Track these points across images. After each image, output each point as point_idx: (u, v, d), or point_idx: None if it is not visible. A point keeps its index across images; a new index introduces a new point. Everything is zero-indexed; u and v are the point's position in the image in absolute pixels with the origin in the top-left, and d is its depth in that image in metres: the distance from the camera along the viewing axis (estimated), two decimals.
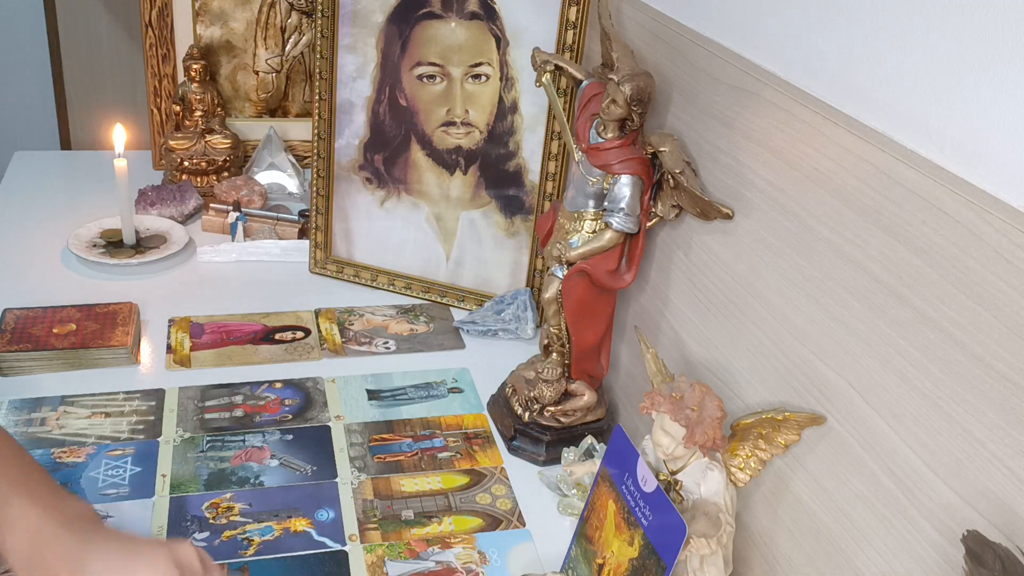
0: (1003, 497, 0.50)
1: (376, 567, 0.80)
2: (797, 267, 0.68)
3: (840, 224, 0.63)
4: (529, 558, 0.82)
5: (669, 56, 0.87)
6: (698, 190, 0.79)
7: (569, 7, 1.02)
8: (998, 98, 0.51)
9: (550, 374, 0.94)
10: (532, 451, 0.95)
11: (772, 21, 0.72)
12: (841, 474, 0.64)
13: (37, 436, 0.91)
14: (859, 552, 0.62)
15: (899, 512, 0.58)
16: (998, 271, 0.50)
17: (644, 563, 0.68)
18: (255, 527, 0.83)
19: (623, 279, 0.88)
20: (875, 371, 0.60)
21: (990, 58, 0.51)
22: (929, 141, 0.56)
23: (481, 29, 1.09)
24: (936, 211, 0.54)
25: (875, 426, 0.60)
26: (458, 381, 1.06)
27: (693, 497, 0.70)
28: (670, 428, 0.68)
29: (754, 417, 0.68)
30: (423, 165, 1.17)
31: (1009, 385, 0.50)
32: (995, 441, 0.51)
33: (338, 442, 0.95)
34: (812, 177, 0.66)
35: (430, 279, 1.21)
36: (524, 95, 1.09)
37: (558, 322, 0.92)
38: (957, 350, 0.53)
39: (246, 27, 1.46)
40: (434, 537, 0.84)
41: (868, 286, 0.60)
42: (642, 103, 0.81)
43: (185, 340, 1.09)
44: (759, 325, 0.73)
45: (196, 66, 1.42)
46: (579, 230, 0.87)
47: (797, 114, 0.67)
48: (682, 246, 0.86)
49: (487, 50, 1.09)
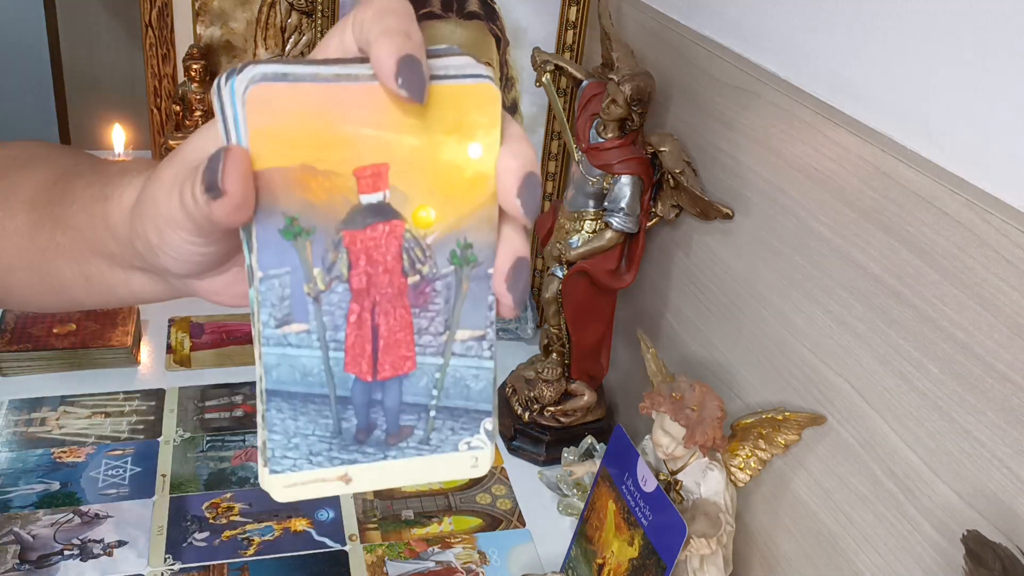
0: (1003, 497, 0.50)
1: (376, 567, 0.80)
2: (797, 267, 0.68)
3: (840, 224, 0.63)
4: (529, 558, 0.82)
5: (669, 56, 0.87)
6: (698, 190, 0.79)
7: (569, 7, 1.01)
8: (998, 98, 0.51)
9: (550, 374, 0.94)
10: (532, 451, 0.95)
11: (772, 21, 0.72)
12: (841, 474, 0.64)
13: (37, 436, 0.91)
14: (859, 552, 0.62)
15: (899, 512, 0.58)
16: (998, 271, 0.50)
17: (644, 563, 0.68)
18: (255, 527, 0.83)
19: (623, 279, 0.88)
20: (875, 371, 0.60)
21: (990, 58, 0.51)
22: (929, 141, 0.56)
23: (481, 29, 1.09)
24: (936, 211, 0.54)
25: (875, 426, 0.60)
26: None
27: (693, 497, 0.70)
28: (670, 428, 0.68)
29: (754, 417, 0.68)
30: None
31: (1009, 385, 0.50)
32: (995, 441, 0.51)
33: None
34: (812, 177, 0.66)
35: None
36: (524, 95, 1.09)
37: (558, 322, 0.92)
38: (957, 350, 0.53)
39: (246, 27, 1.46)
40: (434, 537, 0.84)
41: (868, 286, 0.60)
42: (642, 103, 0.81)
43: (185, 340, 1.08)
44: (759, 325, 0.73)
45: (196, 66, 1.42)
46: (579, 230, 0.87)
47: (797, 114, 0.67)
48: (682, 246, 0.86)
49: (487, 50, 1.09)
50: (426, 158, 0.29)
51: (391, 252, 0.30)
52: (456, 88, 0.29)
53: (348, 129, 0.28)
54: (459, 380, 0.32)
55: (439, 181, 0.29)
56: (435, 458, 0.32)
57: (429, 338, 0.31)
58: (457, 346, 0.31)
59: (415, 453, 0.32)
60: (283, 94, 0.28)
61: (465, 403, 0.32)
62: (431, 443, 0.32)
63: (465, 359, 0.32)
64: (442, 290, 0.31)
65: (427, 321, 0.31)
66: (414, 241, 0.30)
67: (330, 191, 0.29)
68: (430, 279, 0.31)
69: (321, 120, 0.28)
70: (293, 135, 0.28)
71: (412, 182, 0.29)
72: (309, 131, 0.28)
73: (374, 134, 0.28)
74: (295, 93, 0.28)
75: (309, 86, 0.28)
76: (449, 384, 0.32)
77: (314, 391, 0.31)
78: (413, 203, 0.30)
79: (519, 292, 0.31)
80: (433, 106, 0.29)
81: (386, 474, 0.32)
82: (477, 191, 0.30)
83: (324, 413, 0.31)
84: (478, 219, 0.30)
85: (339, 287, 0.30)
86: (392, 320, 0.31)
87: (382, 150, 0.29)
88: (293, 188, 0.28)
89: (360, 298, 0.30)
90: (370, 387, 0.31)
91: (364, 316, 0.31)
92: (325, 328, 0.30)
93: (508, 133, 0.30)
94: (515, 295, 0.31)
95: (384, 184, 0.29)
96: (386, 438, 0.32)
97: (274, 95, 0.27)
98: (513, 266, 0.31)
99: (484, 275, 0.31)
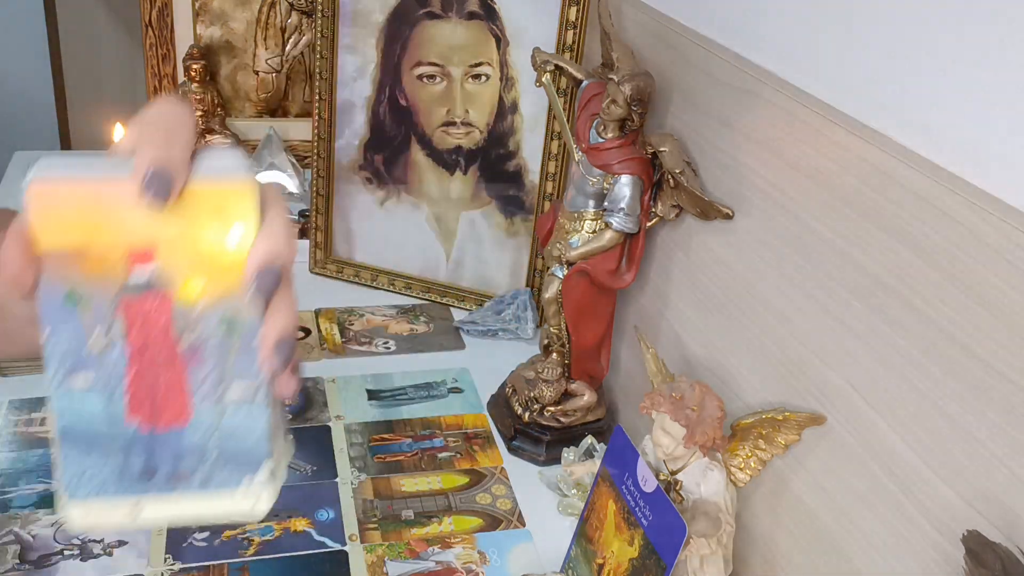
0: (1003, 497, 0.50)
1: (376, 567, 0.80)
2: (797, 267, 0.68)
3: (840, 224, 0.63)
4: (529, 558, 0.82)
5: (669, 56, 0.87)
6: (698, 190, 0.79)
7: (569, 7, 1.01)
8: (998, 98, 0.51)
9: (550, 374, 0.94)
10: (532, 451, 0.95)
11: (772, 21, 0.72)
12: (841, 474, 0.64)
13: (37, 436, 0.91)
14: (859, 552, 0.62)
15: (899, 512, 0.58)
16: (998, 271, 0.50)
17: (644, 563, 0.68)
18: (255, 527, 0.83)
19: (623, 279, 0.88)
20: (875, 371, 0.60)
21: (990, 58, 0.51)
22: (929, 141, 0.56)
23: (481, 29, 1.09)
24: (936, 211, 0.54)
25: (875, 426, 0.60)
26: (458, 381, 1.06)
27: (693, 497, 0.70)
28: (670, 428, 0.68)
29: (754, 417, 0.68)
30: (423, 165, 1.17)
31: (1009, 385, 0.50)
32: (995, 441, 0.51)
33: (338, 442, 0.95)
34: (812, 177, 0.66)
35: (430, 279, 1.21)
36: (524, 95, 1.09)
37: (558, 322, 0.92)
38: (957, 350, 0.53)
39: (246, 27, 1.46)
40: (434, 537, 0.84)
41: (868, 286, 0.60)
42: (642, 103, 0.81)
43: None
44: (759, 325, 0.73)
45: (196, 66, 1.42)
46: (579, 230, 0.87)
47: (797, 114, 0.67)
48: (682, 246, 0.86)
49: (487, 50, 1.09)
50: (189, 242, 0.33)
51: (163, 317, 0.34)
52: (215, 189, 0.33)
53: (119, 216, 0.33)
54: (237, 427, 0.35)
55: (203, 261, 0.34)
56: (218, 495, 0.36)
57: (206, 389, 0.35)
58: (232, 395, 0.35)
59: (199, 491, 0.36)
60: (58, 188, 0.32)
61: (244, 446, 0.35)
62: (213, 483, 0.36)
63: (241, 407, 0.35)
64: (213, 350, 0.35)
65: (202, 375, 0.35)
66: (183, 311, 0.34)
67: (105, 267, 0.33)
68: (202, 340, 0.34)
69: (93, 208, 0.33)
70: (68, 221, 0.33)
71: (178, 261, 0.34)
72: (83, 218, 0.33)
73: (142, 222, 0.33)
74: (69, 186, 0.32)
75: (82, 182, 0.33)
76: (227, 431, 0.35)
77: (100, 433, 0.35)
78: (179, 279, 0.34)
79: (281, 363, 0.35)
80: (193, 202, 0.33)
81: (173, 507, 0.36)
82: (237, 271, 0.34)
83: (112, 453, 0.35)
84: (241, 295, 0.34)
85: (118, 345, 0.34)
86: (170, 375, 0.35)
87: (149, 234, 0.33)
88: (71, 266, 0.33)
89: (138, 356, 0.34)
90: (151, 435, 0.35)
91: (143, 371, 0.35)
92: (109, 380, 0.34)
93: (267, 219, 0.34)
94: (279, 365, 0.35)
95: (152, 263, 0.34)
96: (168, 479, 0.35)
97: (50, 189, 0.32)
98: (276, 341, 0.35)
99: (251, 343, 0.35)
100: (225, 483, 0.36)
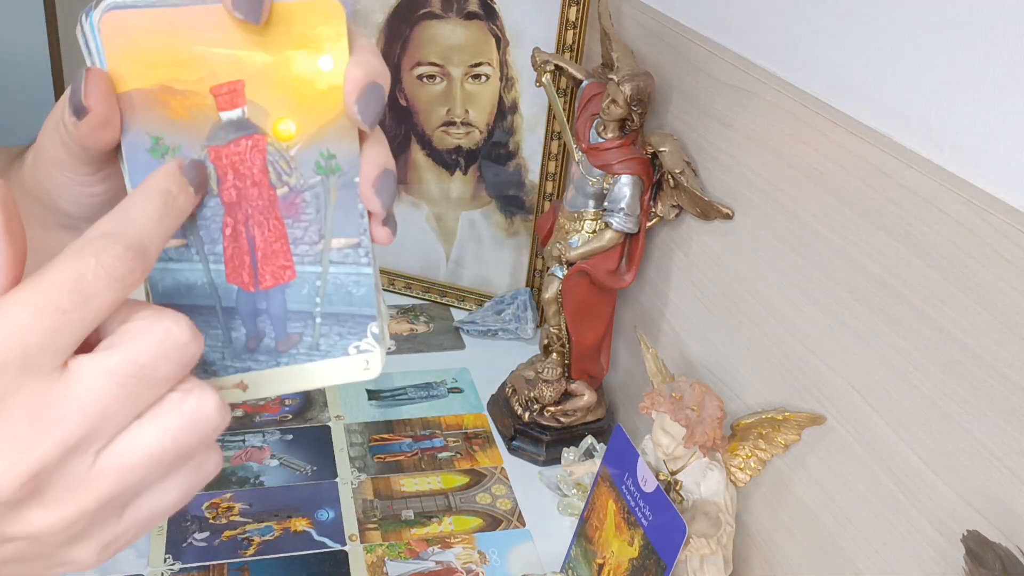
0: (1003, 497, 0.50)
1: (376, 567, 0.80)
2: (797, 267, 0.68)
3: (840, 224, 0.63)
4: (529, 558, 0.82)
5: (669, 56, 0.87)
6: (698, 190, 0.79)
7: (569, 7, 1.01)
8: (998, 98, 0.51)
9: (550, 374, 0.94)
10: (532, 451, 0.95)
11: (772, 21, 0.72)
12: (841, 474, 0.64)
13: None
14: (859, 552, 0.62)
15: (899, 512, 0.58)
16: (998, 271, 0.50)
17: (644, 563, 0.68)
18: (255, 527, 0.83)
19: (623, 279, 0.88)
20: (875, 371, 0.60)
21: (990, 58, 0.51)
22: (929, 141, 0.56)
23: (481, 29, 1.09)
24: (936, 211, 0.54)
25: (875, 426, 0.60)
26: (458, 381, 1.06)
27: (693, 497, 0.70)
28: (670, 428, 0.68)
29: (754, 417, 0.68)
30: (423, 165, 1.17)
31: (1009, 385, 0.50)
32: (995, 441, 0.51)
33: (338, 442, 0.95)
34: (812, 177, 0.66)
35: (430, 279, 1.21)
36: (524, 95, 1.09)
37: (558, 322, 0.92)
38: (957, 350, 0.53)
39: None
40: (434, 537, 0.84)
41: (868, 286, 0.60)
42: (642, 103, 0.81)
43: None
44: (759, 325, 0.73)
45: None
46: (579, 230, 0.87)
47: (797, 114, 0.67)
48: (682, 246, 0.86)
49: (487, 50, 1.09)
50: (279, 73, 0.31)
51: (256, 165, 0.31)
52: (299, 5, 0.30)
53: (201, 49, 0.30)
54: (340, 287, 0.33)
55: (294, 95, 0.31)
56: (327, 363, 0.33)
57: (305, 247, 0.32)
58: (334, 254, 0.33)
59: (306, 359, 0.33)
60: (135, 19, 0.29)
61: (349, 308, 0.33)
62: (321, 348, 0.33)
63: (343, 266, 0.33)
64: (312, 200, 0.32)
65: (301, 231, 0.32)
66: (278, 154, 0.31)
67: (191, 110, 0.30)
68: (298, 190, 0.32)
69: (174, 42, 0.30)
70: (149, 57, 0.30)
71: (268, 97, 0.31)
72: (164, 53, 0.30)
73: (227, 53, 0.30)
74: (146, 18, 0.29)
75: (159, 11, 0.30)
76: (331, 291, 0.33)
77: (200, 303, 0.32)
78: (272, 117, 0.31)
79: (386, 199, 0.32)
80: (279, 24, 0.30)
81: (281, 380, 0.33)
82: (331, 102, 0.31)
83: (213, 324, 0.32)
84: (338, 129, 0.31)
85: (211, 202, 0.31)
86: (267, 231, 0.32)
87: (236, 68, 0.30)
88: (155, 108, 0.30)
89: (232, 211, 0.32)
90: (254, 297, 0.32)
91: (239, 228, 0.32)
92: (203, 242, 0.32)
93: (356, 45, 0.31)
94: (383, 201, 0.32)
95: (241, 100, 0.31)
96: (276, 345, 0.33)
97: (126, 21, 0.29)
98: (379, 175, 0.32)
99: (351, 184, 0.32)
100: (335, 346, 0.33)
